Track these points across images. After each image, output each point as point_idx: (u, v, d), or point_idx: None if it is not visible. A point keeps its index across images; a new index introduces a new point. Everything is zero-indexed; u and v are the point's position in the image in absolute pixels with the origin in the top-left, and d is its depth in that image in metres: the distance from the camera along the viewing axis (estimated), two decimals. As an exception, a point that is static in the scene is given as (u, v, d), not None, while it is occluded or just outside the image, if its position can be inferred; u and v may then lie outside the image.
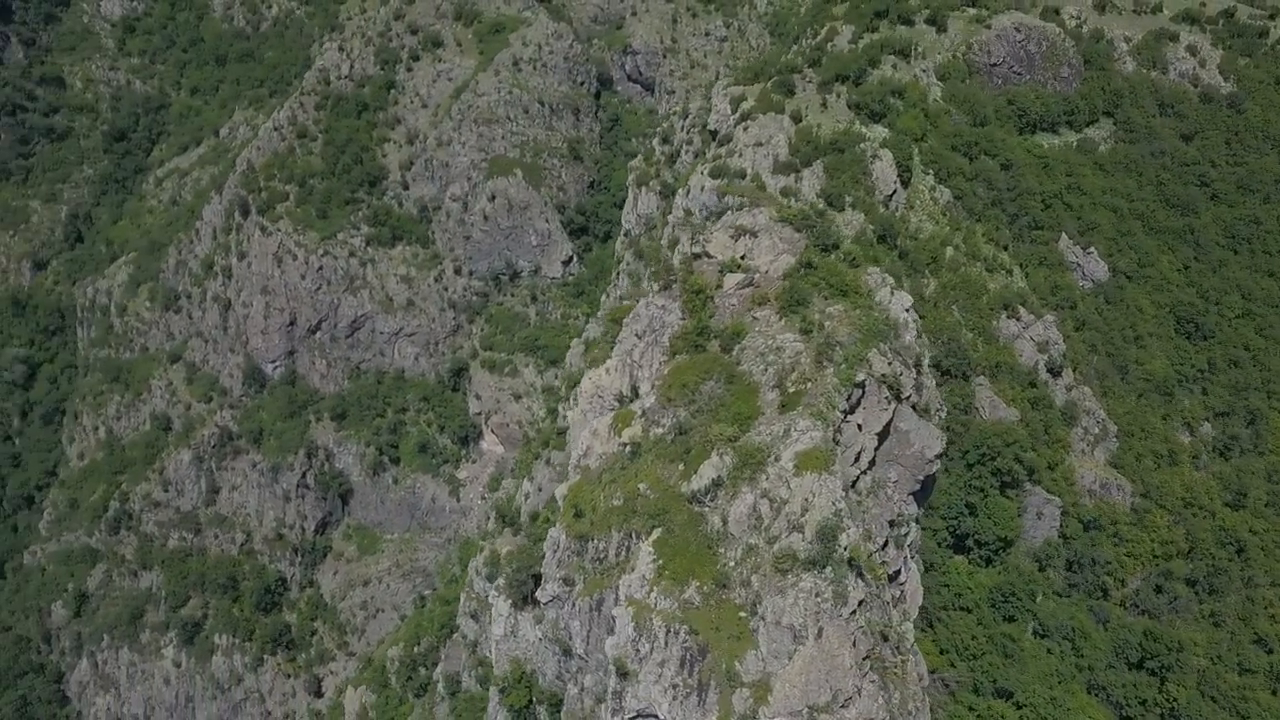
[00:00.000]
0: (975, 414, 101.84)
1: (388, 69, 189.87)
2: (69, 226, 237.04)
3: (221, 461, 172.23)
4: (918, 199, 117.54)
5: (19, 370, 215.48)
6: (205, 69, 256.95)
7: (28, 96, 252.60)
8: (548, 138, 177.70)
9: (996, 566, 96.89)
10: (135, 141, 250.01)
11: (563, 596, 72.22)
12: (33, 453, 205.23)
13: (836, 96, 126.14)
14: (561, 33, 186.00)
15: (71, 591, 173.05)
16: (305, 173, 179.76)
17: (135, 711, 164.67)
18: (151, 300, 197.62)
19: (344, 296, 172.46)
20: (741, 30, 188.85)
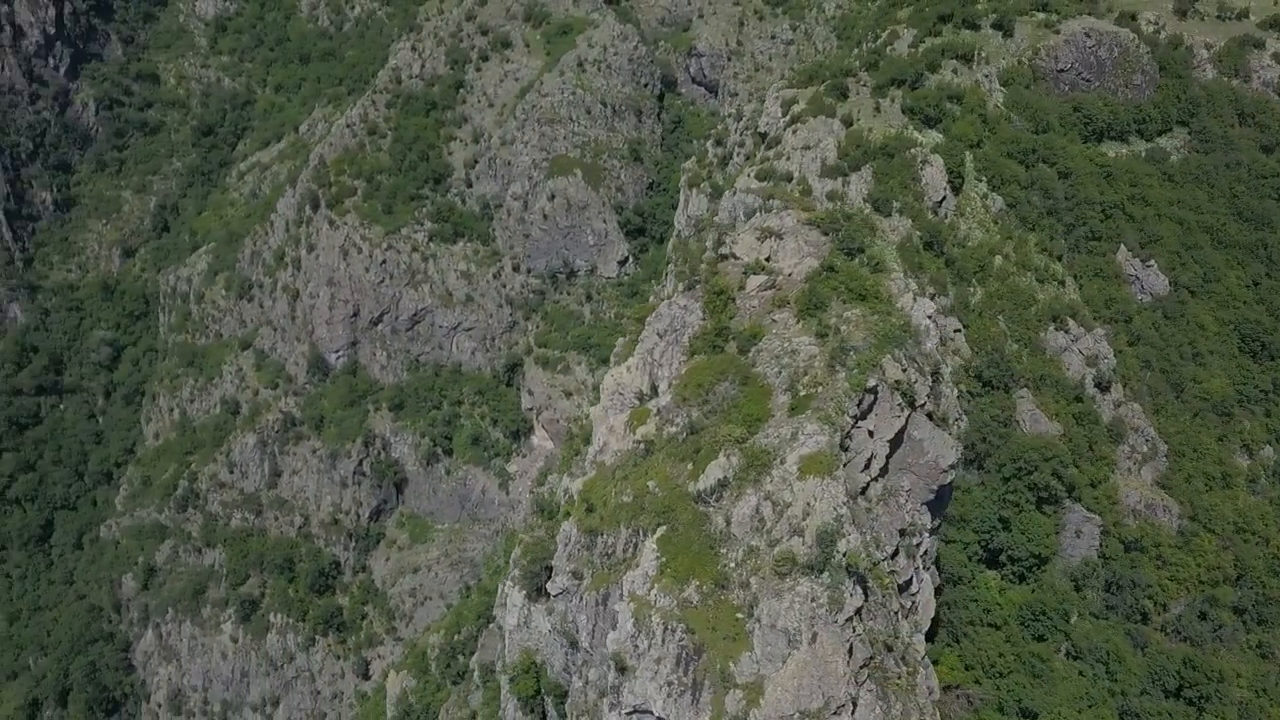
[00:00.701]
0: (1015, 427, 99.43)
1: (457, 69, 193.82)
2: (157, 216, 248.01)
3: (284, 446, 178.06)
4: (968, 206, 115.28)
5: (105, 352, 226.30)
6: (289, 67, 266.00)
7: (125, 92, 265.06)
8: (609, 138, 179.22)
9: (1030, 584, 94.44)
10: (221, 136, 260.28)
11: (571, 590, 73.18)
12: (114, 431, 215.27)
13: (891, 101, 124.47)
14: (627, 34, 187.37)
15: (141, 565, 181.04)
16: (373, 169, 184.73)
17: (194, 683, 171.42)
18: (227, 289, 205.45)
19: (406, 290, 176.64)
20: (808, 34, 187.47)
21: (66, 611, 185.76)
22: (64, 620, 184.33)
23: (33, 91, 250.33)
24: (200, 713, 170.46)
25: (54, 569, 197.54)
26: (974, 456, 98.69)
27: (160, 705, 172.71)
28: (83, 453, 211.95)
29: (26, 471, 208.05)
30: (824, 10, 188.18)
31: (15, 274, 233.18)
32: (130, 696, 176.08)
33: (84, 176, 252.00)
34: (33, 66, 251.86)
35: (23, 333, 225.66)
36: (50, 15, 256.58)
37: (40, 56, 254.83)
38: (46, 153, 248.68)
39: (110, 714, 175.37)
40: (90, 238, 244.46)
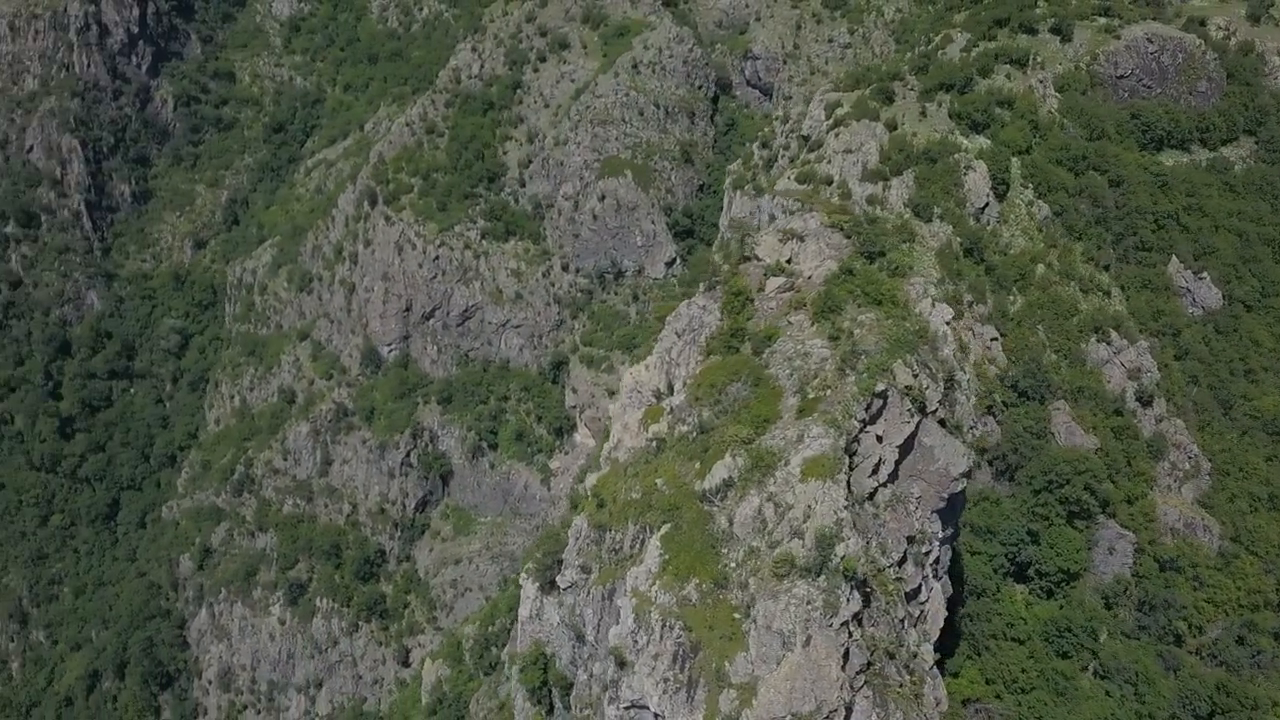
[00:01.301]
0: (1050, 439, 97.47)
1: (515, 69, 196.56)
2: (228, 210, 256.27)
3: (336, 436, 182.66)
4: (1012, 213, 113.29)
5: (174, 340, 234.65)
6: (358, 67, 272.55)
7: (202, 89, 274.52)
8: (661, 140, 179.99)
9: (1058, 599, 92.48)
10: (291, 133, 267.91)
11: (580, 584, 74.03)
12: (179, 416, 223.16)
13: (938, 105, 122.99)
14: (683, 37, 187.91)
15: (198, 546, 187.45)
16: (430, 167, 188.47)
17: (244, 662, 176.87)
18: (289, 281, 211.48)
19: (457, 286, 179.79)
20: (866, 37, 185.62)
21: (128, 588, 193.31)
22: (125, 596, 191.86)
23: (116, 88, 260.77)
24: (248, 691, 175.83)
25: (118, 546, 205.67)
26: (1005, 468, 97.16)
27: (211, 682, 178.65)
28: (149, 436, 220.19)
29: (97, 452, 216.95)
30: (883, 14, 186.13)
31: (94, 263, 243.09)
32: (183, 672, 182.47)
33: (161, 170, 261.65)
34: (116, 64, 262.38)
35: (98, 319, 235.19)
36: (134, 15, 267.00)
37: (124, 54, 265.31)
38: (126, 147, 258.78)
39: (164, 688, 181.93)
40: (164, 229, 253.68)
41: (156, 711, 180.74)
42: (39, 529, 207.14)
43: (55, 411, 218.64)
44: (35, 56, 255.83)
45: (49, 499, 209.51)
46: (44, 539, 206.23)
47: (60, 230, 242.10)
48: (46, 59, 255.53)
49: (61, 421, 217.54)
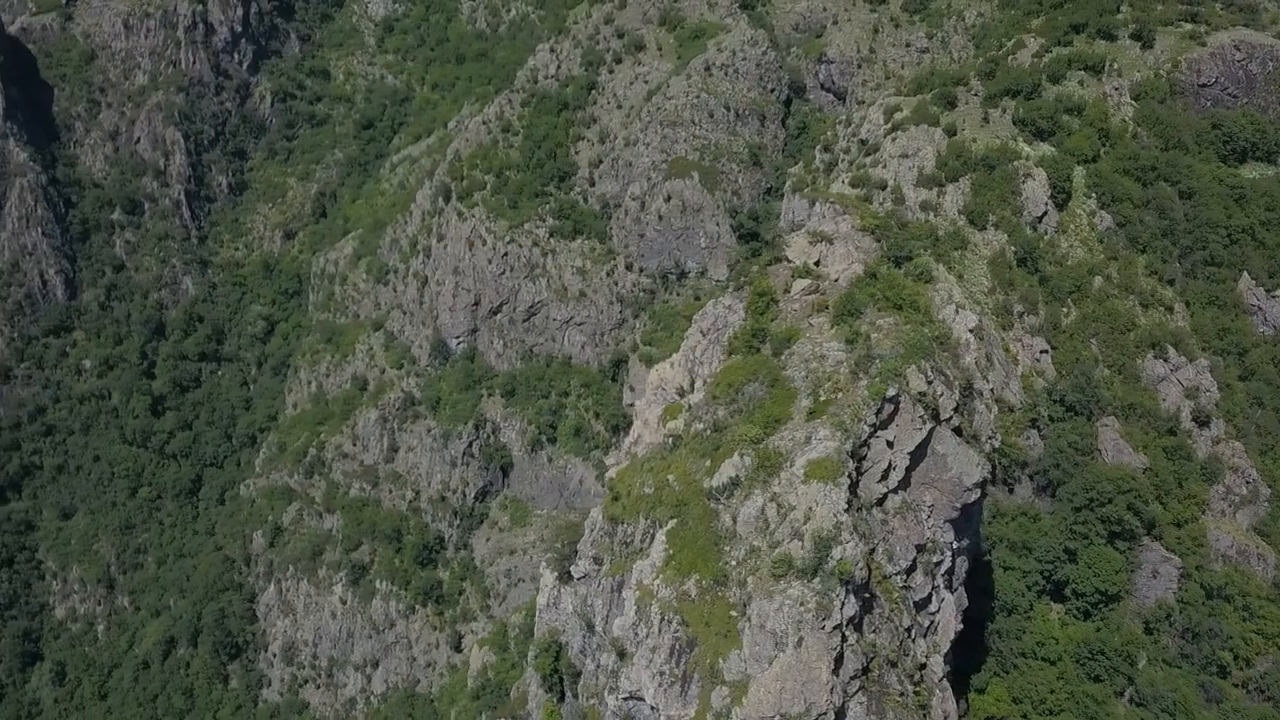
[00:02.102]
0: (1096, 456, 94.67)
1: (591, 70, 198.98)
2: (316, 203, 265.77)
3: (402, 424, 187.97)
4: (1072, 223, 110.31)
5: (260, 326, 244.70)
6: (446, 66, 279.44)
7: (298, 86, 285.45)
8: (729, 142, 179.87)
9: (1095, 621, 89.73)
10: (380, 130, 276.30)
11: (592, 575, 75.22)
12: (261, 399, 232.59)
13: (1002, 112, 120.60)
14: (757, 40, 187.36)
15: (270, 524, 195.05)
16: (503, 165, 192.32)
17: (306, 638, 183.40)
18: (367, 273, 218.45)
19: (524, 283, 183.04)
20: (944, 42, 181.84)
21: (204, 560, 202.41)
22: (201, 568, 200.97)
23: (218, 84, 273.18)
24: (310, 666, 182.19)
25: (198, 520, 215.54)
26: (1046, 483, 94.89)
27: (275, 655, 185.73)
28: (233, 416, 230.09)
29: (184, 430, 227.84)
30: (964, 19, 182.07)
31: (190, 250, 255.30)
32: (251, 644, 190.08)
33: (256, 163, 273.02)
34: (219, 61, 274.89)
35: (192, 304, 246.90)
36: (238, 14, 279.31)
37: (227, 52, 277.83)
38: (226, 140, 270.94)
39: (233, 658, 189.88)
40: (257, 220, 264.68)
41: (225, 680, 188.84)
42: (128, 500, 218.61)
43: (148, 390, 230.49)
44: (146, 53, 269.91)
45: (138, 472, 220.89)
46: (132, 510, 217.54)
47: (161, 218, 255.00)
48: (156, 55, 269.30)
49: (153, 400, 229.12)
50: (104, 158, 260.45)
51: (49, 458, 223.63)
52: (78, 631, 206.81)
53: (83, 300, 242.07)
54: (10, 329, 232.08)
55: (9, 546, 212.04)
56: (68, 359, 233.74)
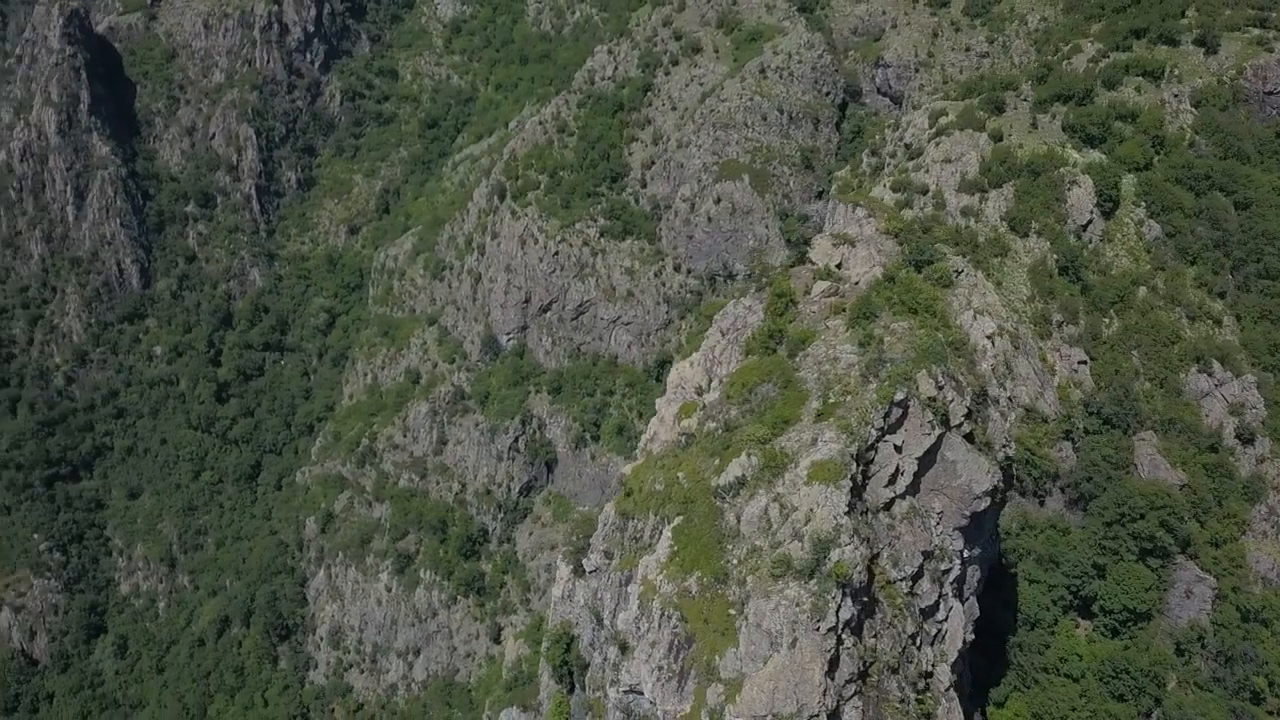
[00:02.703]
0: (1131, 471, 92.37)
1: (648, 72, 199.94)
2: (380, 199, 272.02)
3: (452, 417, 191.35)
4: (1119, 232, 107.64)
5: (322, 318, 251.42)
6: (510, 67, 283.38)
7: (367, 85, 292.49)
8: (781, 145, 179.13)
9: (1123, 639, 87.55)
10: (444, 129, 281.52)
11: (602, 569, 76.11)
12: (320, 388, 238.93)
13: (1051, 118, 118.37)
14: (813, 43, 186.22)
15: (322, 510, 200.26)
16: (557, 165, 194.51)
17: (353, 623, 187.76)
18: (424, 269, 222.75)
19: (574, 282, 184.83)
20: (1005, 47, 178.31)
21: (260, 544, 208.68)
22: (257, 551, 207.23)
23: (290, 82, 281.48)
24: (355, 651, 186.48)
25: (256, 505, 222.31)
26: (1078, 497, 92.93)
27: (323, 639, 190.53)
28: (292, 405, 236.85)
29: (246, 417, 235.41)
30: (1026, 23, 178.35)
31: (259, 243, 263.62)
32: (300, 627, 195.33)
33: (324, 160, 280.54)
34: (292, 60, 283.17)
35: (258, 295, 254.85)
36: (311, 15, 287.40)
37: (300, 51, 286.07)
38: (296, 137, 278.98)
39: (283, 639, 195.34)
40: (323, 215, 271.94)
41: (274, 661, 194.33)
42: (191, 483, 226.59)
43: (214, 377, 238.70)
44: (223, 52, 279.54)
45: (202, 456, 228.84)
46: (194, 493, 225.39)
47: (232, 211, 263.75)
48: (232, 54, 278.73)
49: (218, 386, 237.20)
50: (181, 152, 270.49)
51: (119, 439, 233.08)
52: (140, 607, 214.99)
53: (156, 289, 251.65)
54: (88, 314, 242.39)
55: (79, 523, 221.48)
56: (140, 345, 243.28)
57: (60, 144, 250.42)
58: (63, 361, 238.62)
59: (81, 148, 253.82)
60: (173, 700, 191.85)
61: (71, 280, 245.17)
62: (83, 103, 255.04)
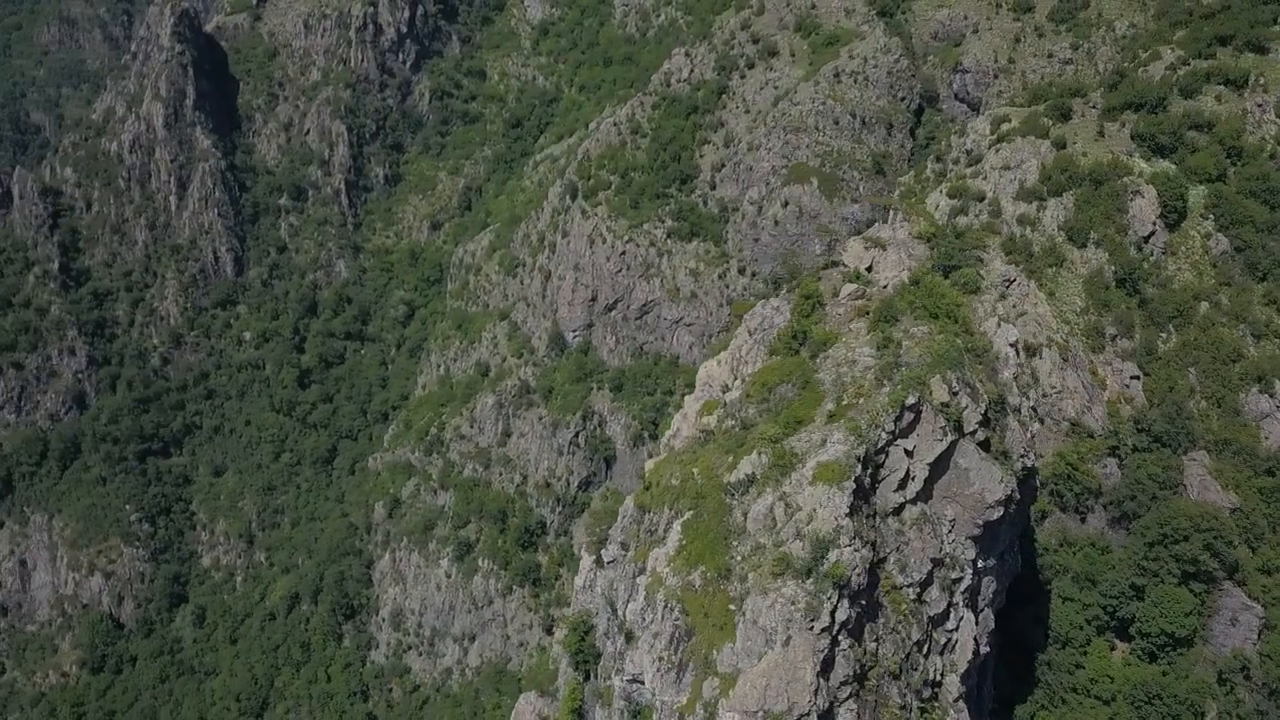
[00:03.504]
0: (1180, 491, 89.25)
1: (723, 74, 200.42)
2: (463, 196, 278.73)
3: (517, 410, 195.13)
4: (1184, 245, 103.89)
5: (402, 310, 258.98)
6: (594, 69, 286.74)
7: (455, 85, 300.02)
8: (853, 150, 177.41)
9: (1161, 664, 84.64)
10: (527, 129, 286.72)
11: (619, 560, 77.33)
12: (396, 378, 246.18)
13: (1120, 126, 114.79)
14: (890, 47, 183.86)
15: (390, 496, 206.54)
16: (629, 166, 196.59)
17: (413, 607, 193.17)
18: (500, 265, 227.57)
19: (639, 282, 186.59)
20: (1090, 53, 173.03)
21: (331, 525, 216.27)
22: (328, 532, 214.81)
23: (382, 81, 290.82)
24: (414, 633, 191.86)
25: (330, 488, 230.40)
26: (1120, 515, 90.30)
27: (385, 620, 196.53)
28: (369, 393, 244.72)
29: (325, 403, 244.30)
30: (1113, 29, 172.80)
31: (346, 235, 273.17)
32: (364, 608, 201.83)
33: (411, 157, 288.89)
34: (385, 59, 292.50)
35: (343, 285, 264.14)
36: (405, 16, 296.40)
37: (392, 51, 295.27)
38: (385, 134, 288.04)
39: (348, 618, 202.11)
40: (408, 210, 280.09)
41: (339, 639, 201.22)
42: (272, 463, 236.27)
43: (297, 363, 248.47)
44: (321, 51, 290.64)
45: (282, 439, 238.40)
46: (274, 473, 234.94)
47: (322, 205, 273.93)
48: (329, 54, 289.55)
49: (301, 372, 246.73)
50: (277, 147, 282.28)
51: (208, 419, 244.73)
52: (219, 580, 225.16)
53: (248, 277, 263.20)
54: (184, 299, 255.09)
55: (168, 497, 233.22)
56: (231, 330, 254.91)
57: (166, 137, 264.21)
58: (160, 343, 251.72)
59: (185, 141, 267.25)
60: (243, 670, 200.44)
61: (171, 266, 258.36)
62: (188, 98, 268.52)
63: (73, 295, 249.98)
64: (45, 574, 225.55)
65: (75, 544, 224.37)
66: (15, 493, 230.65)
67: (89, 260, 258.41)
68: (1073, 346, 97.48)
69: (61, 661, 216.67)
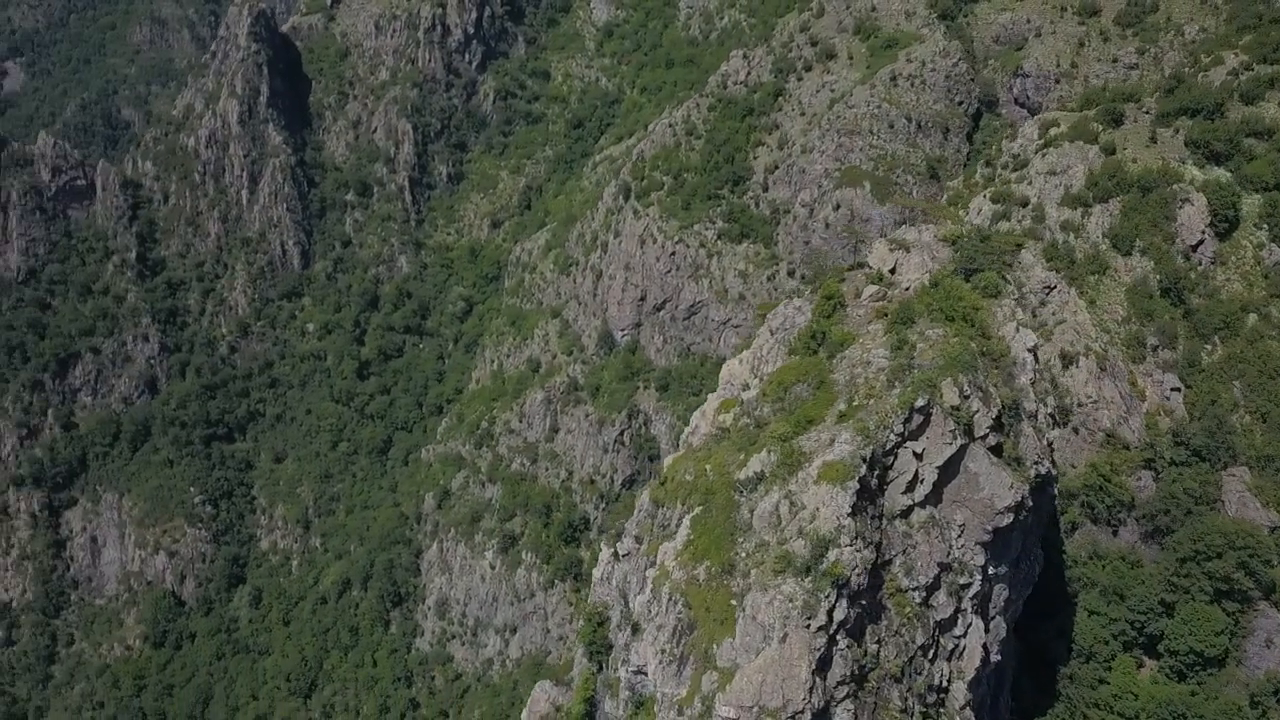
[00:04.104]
0: (1218, 508, 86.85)
1: (780, 77, 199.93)
2: (524, 196, 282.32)
3: (564, 407, 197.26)
4: (1235, 255, 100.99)
5: (460, 306, 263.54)
6: (656, 70, 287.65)
7: (520, 86, 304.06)
8: (906, 154, 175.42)
9: (1190, 683, 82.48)
10: (588, 130, 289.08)
11: (634, 553, 78.28)
12: (452, 373, 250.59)
13: (1174, 132, 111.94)
14: (949, 51, 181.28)
15: (440, 487, 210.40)
16: (682, 167, 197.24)
17: (458, 597, 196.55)
18: (554, 264, 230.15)
19: (688, 282, 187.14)
20: (1157, 58, 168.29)
21: (383, 514, 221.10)
22: (380, 520, 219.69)
23: (448, 81, 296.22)
24: (458, 623, 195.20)
25: (385, 477, 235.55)
26: (1153, 530, 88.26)
27: (430, 609, 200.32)
28: (425, 387, 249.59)
29: (383, 394, 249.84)
30: (1183, 34, 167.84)
31: (408, 232, 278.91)
32: (411, 595, 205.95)
33: (474, 156, 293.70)
34: (451, 60, 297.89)
35: (404, 280, 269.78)
36: (472, 18, 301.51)
37: (459, 52, 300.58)
38: (450, 133, 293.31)
39: (395, 605, 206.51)
40: (469, 208, 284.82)
41: (386, 625, 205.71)
42: (329, 452, 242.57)
43: (357, 355, 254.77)
44: (390, 51, 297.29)
45: (340, 428, 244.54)
46: (331, 461, 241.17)
47: (386, 201, 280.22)
48: (398, 54, 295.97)
49: (360, 364, 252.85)
50: (345, 144, 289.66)
51: (271, 407, 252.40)
52: (276, 563, 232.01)
53: (313, 270, 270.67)
54: (252, 290, 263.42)
55: (230, 481, 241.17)
56: (295, 321, 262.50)
57: (240, 133, 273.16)
58: (228, 332, 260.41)
59: (258, 137, 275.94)
60: (294, 651, 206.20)
61: (241, 258, 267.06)
62: (262, 95, 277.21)
63: (148, 284, 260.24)
64: (114, 551, 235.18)
65: (142, 523, 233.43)
66: (89, 471, 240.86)
67: (164, 250, 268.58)
68: (1111, 356, 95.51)
69: (126, 635, 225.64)
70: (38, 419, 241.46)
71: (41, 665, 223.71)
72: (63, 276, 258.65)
